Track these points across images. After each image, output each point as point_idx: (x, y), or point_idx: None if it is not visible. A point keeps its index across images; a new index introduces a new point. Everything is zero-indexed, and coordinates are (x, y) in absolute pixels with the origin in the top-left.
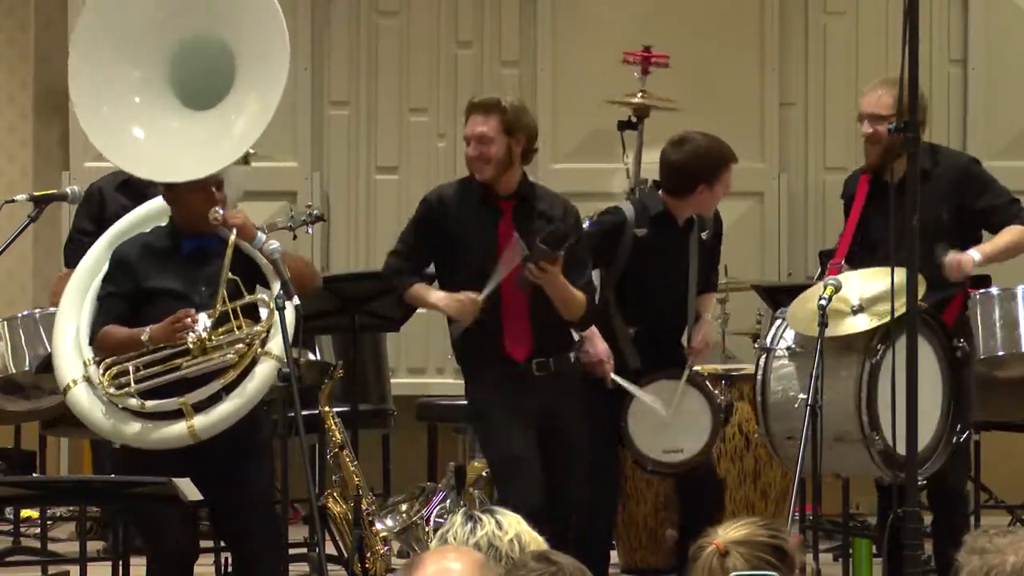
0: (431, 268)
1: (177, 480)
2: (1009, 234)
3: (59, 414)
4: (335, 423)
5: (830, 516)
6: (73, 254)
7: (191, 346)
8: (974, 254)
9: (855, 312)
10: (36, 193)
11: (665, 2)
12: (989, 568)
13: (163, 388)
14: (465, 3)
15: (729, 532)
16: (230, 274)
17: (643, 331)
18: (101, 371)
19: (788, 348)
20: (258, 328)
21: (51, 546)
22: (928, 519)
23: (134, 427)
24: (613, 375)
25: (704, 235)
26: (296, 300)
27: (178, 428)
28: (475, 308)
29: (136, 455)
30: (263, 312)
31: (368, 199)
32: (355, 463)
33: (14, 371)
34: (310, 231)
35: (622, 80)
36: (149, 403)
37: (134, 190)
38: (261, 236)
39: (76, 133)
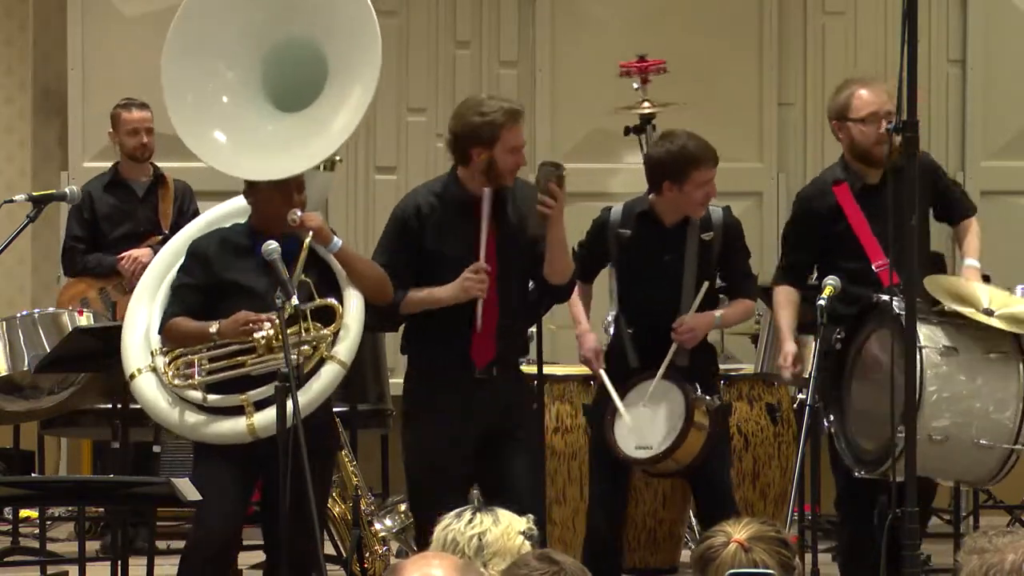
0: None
1: (176, 480)
2: (975, 228)
3: (58, 414)
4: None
5: (829, 516)
6: (70, 261)
7: (257, 344)
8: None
9: (988, 315)
10: (35, 193)
11: (664, 3)
12: (988, 567)
13: (226, 384)
14: (464, 3)
15: (740, 530)
16: (303, 276)
17: (639, 331)
18: (167, 361)
19: (945, 347)
20: (326, 332)
21: (50, 546)
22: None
23: (194, 419)
24: (602, 372)
25: (706, 236)
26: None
27: (237, 424)
28: (484, 277)
29: (204, 448)
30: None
31: (367, 199)
32: (354, 463)
33: (13, 371)
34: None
35: (621, 81)
36: (211, 397)
37: (122, 190)
38: (337, 241)
39: (75, 133)
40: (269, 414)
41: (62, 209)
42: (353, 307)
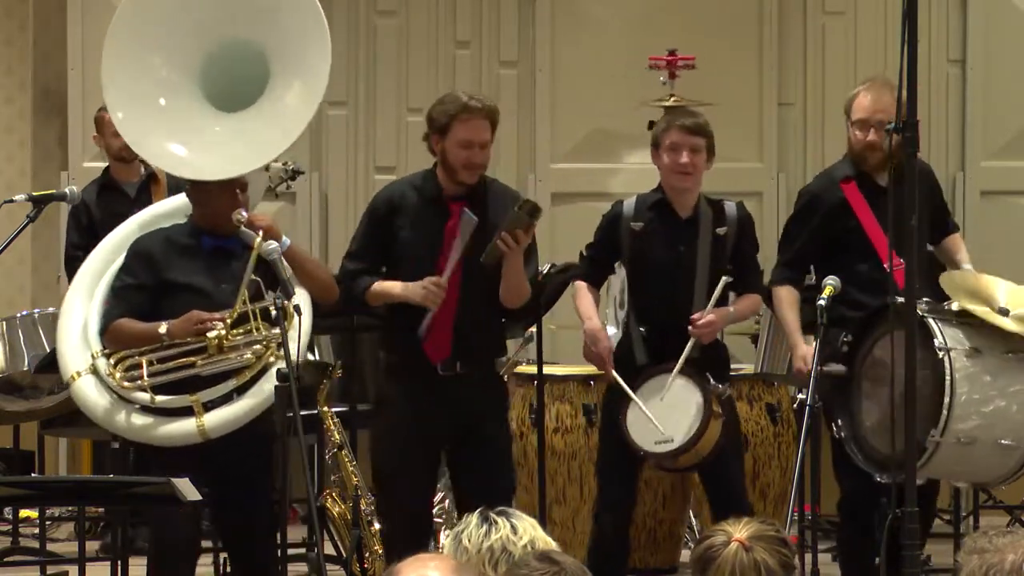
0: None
1: (175, 480)
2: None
3: (58, 414)
4: (334, 423)
5: (829, 516)
6: (72, 270)
7: (209, 344)
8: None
9: (1003, 315)
10: (35, 193)
11: (664, 3)
12: (988, 567)
13: (174, 385)
14: (464, 3)
15: (739, 529)
16: (252, 275)
17: (651, 327)
18: (112, 363)
19: (972, 349)
20: (276, 331)
21: (50, 546)
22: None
23: (142, 421)
24: (615, 373)
25: (720, 230)
26: (296, 300)
27: (187, 425)
28: (441, 292)
29: (149, 451)
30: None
31: (367, 199)
32: (354, 463)
33: (13, 371)
34: (290, 187)
35: (620, 80)
36: (160, 398)
37: (114, 193)
38: (286, 240)
39: (75, 133)
40: (219, 414)
41: (62, 209)
42: (301, 307)
